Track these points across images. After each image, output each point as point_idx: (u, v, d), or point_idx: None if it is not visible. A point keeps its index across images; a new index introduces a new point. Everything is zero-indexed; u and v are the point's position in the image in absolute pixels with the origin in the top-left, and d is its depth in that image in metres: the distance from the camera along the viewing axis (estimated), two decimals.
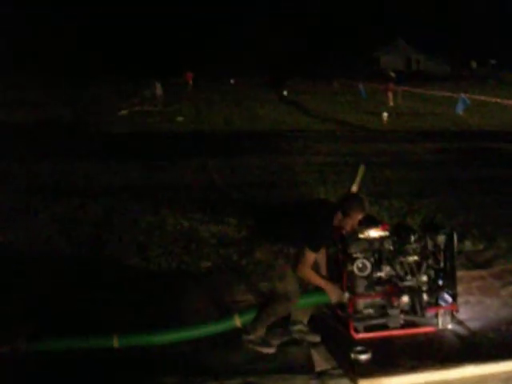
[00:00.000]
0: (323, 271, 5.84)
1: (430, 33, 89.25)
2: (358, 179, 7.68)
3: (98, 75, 60.58)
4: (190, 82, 53.16)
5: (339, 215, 5.45)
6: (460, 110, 25.88)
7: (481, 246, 8.25)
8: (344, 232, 5.61)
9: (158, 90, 34.66)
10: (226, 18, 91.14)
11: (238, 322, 5.65)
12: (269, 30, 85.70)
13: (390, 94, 32.79)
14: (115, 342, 5.42)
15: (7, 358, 5.28)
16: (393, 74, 34.31)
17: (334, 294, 5.62)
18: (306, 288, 5.63)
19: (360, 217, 5.52)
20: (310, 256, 5.41)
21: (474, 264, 7.58)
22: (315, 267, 5.64)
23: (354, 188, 7.50)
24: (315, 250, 5.43)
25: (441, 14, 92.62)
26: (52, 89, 45.27)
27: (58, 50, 74.96)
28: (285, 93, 43.25)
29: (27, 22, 74.37)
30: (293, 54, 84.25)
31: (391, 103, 32.02)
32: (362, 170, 7.85)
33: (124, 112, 29.13)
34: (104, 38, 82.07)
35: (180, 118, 26.85)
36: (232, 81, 61.38)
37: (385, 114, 24.57)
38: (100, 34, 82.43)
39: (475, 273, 7.18)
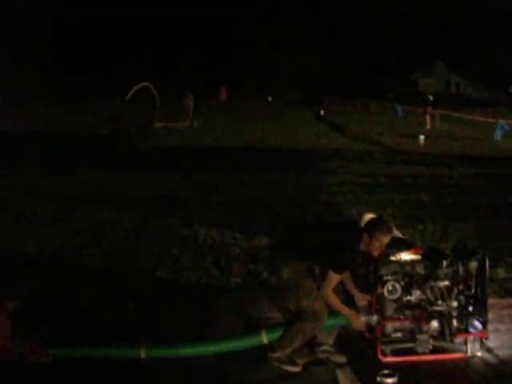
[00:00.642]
0: (350, 288, 5.82)
1: (470, 57, 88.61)
2: None
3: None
4: (224, 95, 53.90)
5: (366, 238, 5.43)
6: (498, 135, 25.67)
7: None
8: (373, 256, 5.58)
9: (190, 101, 35.32)
10: (266, 36, 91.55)
11: (264, 338, 5.64)
12: (308, 50, 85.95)
13: (428, 117, 32.64)
14: (142, 353, 5.44)
15: (32, 364, 5.34)
16: (431, 97, 34.15)
17: (353, 320, 5.63)
18: (331, 308, 5.61)
19: (387, 239, 5.48)
20: (334, 278, 5.42)
21: (506, 292, 7.48)
22: (340, 287, 5.65)
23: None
24: (339, 272, 5.43)
25: (479, 38, 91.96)
26: (87, 100, 45.96)
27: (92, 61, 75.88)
28: (321, 112, 43.27)
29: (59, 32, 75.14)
30: (330, 75, 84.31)
31: (428, 126, 31.86)
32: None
33: (158, 125, 29.40)
34: (135, 50, 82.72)
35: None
36: (270, 98, 61.61)
37: (422, 137, 24.44)
38: (131, 45, 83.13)
39: (506, 301, 7.06)
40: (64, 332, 5.90)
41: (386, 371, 5.18)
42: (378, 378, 5.12)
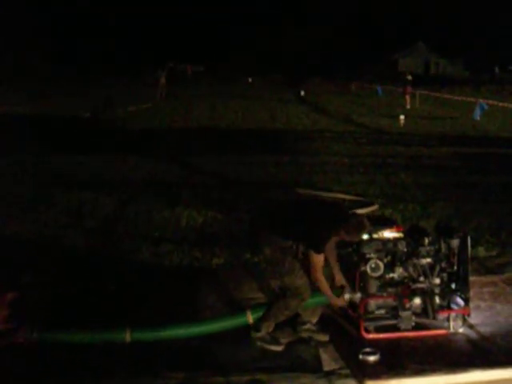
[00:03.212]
0: (334, 267, 5.84)
1: (451, 36, 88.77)
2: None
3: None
4: (190, 72, 55.59)
5: (340, 229, 5.47)
6: (478, 115, 25.76)
7: (494, 252, 8.22)
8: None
9: (162, 78, 36.29)
10: (246, 17, 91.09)
11: (250, 318, 5.65)
12: (287, 30, 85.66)
13: (408, 97, 32.69)
14: (127, 336, 5.42)
15: (17, 348, 5.31)
16: (410, 77, 34.16)
17: (335, 303, 5.68)
18: (315, 287, 5.63)
19: (357, 239, 5.59)
20: (318, 258, 5.45)
21: (486, 269, 7.55)
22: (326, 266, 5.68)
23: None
24: (320, 252, 5.45)
25: (463, 17, 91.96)
26: (63, 83, 45.81)
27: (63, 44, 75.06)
28: (302, 93, 43.21)
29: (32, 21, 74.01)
30: (311, 55, 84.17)
31: (408, 106, 31.92)
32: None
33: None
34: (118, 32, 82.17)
35: None
36: (250, 79, 61.48)
37: (402, 117, 24.46)
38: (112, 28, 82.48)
39: (487, 278, 7.16)
40: (47, 315, 5.87)
41: (368, 349, 5.21)
42: (361, 356, 5.15)
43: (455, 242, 5.66)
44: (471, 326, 5.76)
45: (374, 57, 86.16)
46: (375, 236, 5.73)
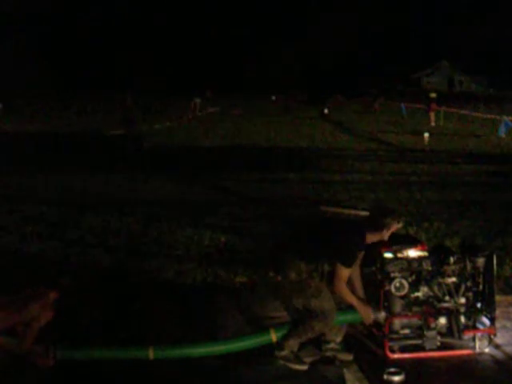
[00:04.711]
0: (358, 289, 5.80)
1: (475, 54, 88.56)
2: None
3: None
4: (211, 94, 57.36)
5: (374, 230, 5.47)
6: (503, 132, 25.60)
7: None
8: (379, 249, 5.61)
9: (197, 100, 38.77)
10: (269, 35, 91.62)
11: (273, 336, 5.61)
12: (311, 48, 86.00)
13: (432, 115, 32.57)
14: (151, 354, 5.42)
15: (39, 366, 5.32)
16: (434, 95, 34.05)
17: (365, 313, 5.59)
18: (340, 306, 5.59)
19: (396, 227, 5.61)
20: (344, 272, 5.41)
21: None
22: (349, 284, 5.63)
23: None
24: (348, 265, 5.41)
25: (487, 35, 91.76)
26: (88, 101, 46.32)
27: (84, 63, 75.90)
28: (326, 111, 43.24)
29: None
30: (334, 73, 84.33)
31: (433, 123, 31.80)
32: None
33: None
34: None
35: None
36: (273, 97, 61.66)
37: (426, 135, 24.36)
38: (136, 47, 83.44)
39: None
40: (71, 333, 5.89)
41: (392, 369, 5.15)
42: (385, 376, 5.10)
43: (480, 261, 5.61)
44: (497, 346, 5.69)
45: (398, 75, 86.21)
46: (399, 255, 5.69)
